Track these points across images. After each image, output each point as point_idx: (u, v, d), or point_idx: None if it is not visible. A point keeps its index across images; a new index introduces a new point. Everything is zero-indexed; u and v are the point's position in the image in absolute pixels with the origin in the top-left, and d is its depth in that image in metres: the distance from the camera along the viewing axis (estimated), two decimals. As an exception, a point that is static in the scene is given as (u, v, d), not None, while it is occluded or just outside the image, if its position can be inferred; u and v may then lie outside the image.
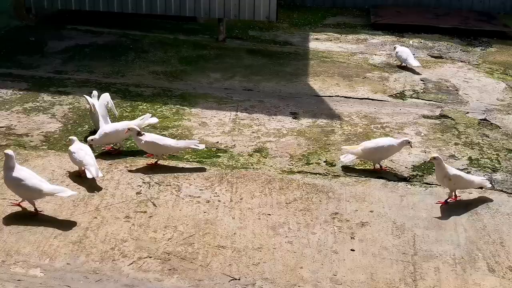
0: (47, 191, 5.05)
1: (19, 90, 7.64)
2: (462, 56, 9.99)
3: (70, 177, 5.70)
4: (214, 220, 5.17)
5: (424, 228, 5.19)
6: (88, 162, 5.54)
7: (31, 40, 9.49)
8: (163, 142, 5.98)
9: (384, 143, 6.09)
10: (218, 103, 7.61)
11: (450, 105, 7.89)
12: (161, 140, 6.00)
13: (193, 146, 6.09)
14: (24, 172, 5.11)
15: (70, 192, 5.09)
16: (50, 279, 4.39)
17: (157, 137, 6.06)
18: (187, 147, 6.13)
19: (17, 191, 5.12)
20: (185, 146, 6.12)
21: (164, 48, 9.50)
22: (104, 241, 4.82)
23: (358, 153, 6.07)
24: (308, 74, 8.81)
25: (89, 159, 5.59)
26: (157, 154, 6.03)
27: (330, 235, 5.06)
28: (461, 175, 5.63)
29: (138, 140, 5.98)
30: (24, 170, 5.16)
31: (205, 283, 4.44)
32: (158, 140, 5.98)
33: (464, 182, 5.60)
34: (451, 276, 4.63)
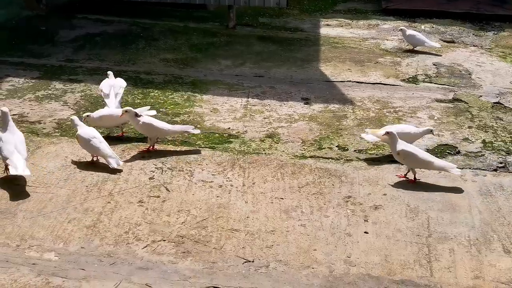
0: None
1: (31, 78, 7.66)
2: (475, 40, 9.90)
3: (83, 163, 5.71)
4: (227, 204, 5.17)
5: (438, 211, 5.16)
6: (106, 153, 5.54)
7: (42, 30, 9.51)
8: (159, 125, 5.95)
9: (409, 130, 6.03)
10: (229, 90, 7.59)
11: (463, 89, 7.82)
12: (158, 123, 5.97)
13: (190, 131, 6.05)
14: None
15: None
16: (65, 263, 4.41)
17: (154, 119, 6.01)
18: (183, 131, 6.10)
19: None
20: (181, 130, 6.10)
21: (175, 36, 9.49)
22: (118, 225, 4.84)
23: (381, 137, 6.02)
24: (320, 60, 8.77)
25: (106, 148, 5.59)
26: (152, 137, 5.98)
27: (343, 218, 5.04)
28: (414, 152, 5.54)
29: (136, 122, 5.92)
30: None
31: (219, 265, 4.44)
32: (155, 122, 5.95)
33: (416, 160, 5.53)
34: (466, 257, 4.61)
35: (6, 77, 7.64)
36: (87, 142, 5.62)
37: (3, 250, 4.51)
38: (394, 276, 4.40)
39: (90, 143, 5.60)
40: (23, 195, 5.17)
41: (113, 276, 4.30)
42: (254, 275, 4.37)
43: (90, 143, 5.60)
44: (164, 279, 4.29)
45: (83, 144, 5.68)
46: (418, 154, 5.56)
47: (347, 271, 4.44)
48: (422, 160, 5.55)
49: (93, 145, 5.60)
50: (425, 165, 5.58)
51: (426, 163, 5.57)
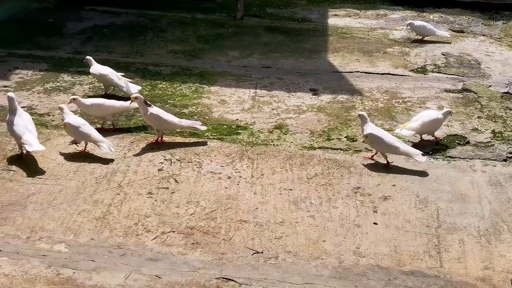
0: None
1: (40, 70, 7.68)
2: (484, 30, 9.83)
3: (92, 154, 5.73)
4: (236, 196, 5.17)
5: (448, 201, 5.15)
6: (97, 138, 5.61)
7: (50, 22, 9.52)
8: (167, 117, 5.93)
9: (436, 115, 6.03)
10: (237, 81, 7.58)
11: (472, 79, 7.78)
12: (165, 115, 5.95)
13: (197, 127, 6.03)
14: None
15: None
16: (75, 254, 4.44)
17: (162, 111, 6.00)
18: (190, 126, 6.07)
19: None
20: (188, 125, 6.06)
21: (182, 27, 9.47)
22: (127, 217, 4.85)
23: (416, 129, 5.98)
24: (328, 50, 8.74)
25: (96, 133, 5.66)
26: (158, 129, 5.98)
27: (353, 209, 5.03)
28: (380, 136, 5.59)
29: (144, 111, 5.89)
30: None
31: (228, 257, 4.45)
32: (163, 114, 5.94)
33: (382, 144, 5.59)
34: (476, 248, 4.59)
35: (14, 70, 7.66)
36: (76, 129, 5.66)
37: (14, 241, 4.54)
38: (404, 267, 4.39)
39: (80, 130, 5.65)
40: (33, 187, 5.19)
41: (123, 267, 4.32)
42: (263, 266, 4.38)
43: (80, 129, 5.64)
44: (174, 270, 4.30)
45: (73, 131, 5.71)
46: (384, 138, 5.61)
47: (356, 262, 4.43)
48: (388, 144, 5.60)
49: (83, 132, 5.65)
50: (391, 149, 5.62)
51: (393, 148, 5.61)
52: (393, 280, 4.28)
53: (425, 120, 5.99)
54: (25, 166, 5.47)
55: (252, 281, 4.23)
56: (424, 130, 6.05)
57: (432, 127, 6.04)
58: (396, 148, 5.60)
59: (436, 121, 6.01)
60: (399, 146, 5.62)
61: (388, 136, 5.68)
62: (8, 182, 5.24)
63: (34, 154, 5.58)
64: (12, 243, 4.52)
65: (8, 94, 5.76)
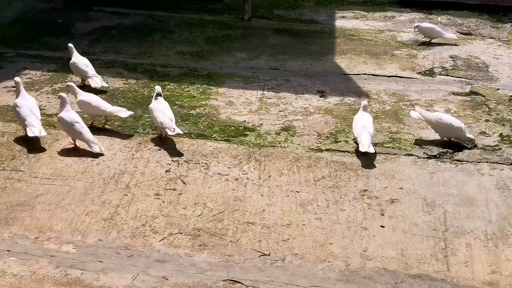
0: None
1: (48, 71, 7.72)
2: (492, 32, 9.81)
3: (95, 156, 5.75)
4: (243, 197, 5.19)
5: (455, 205, 5.15)
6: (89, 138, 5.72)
7: (58, 22, 9.57)
8: (95, 103, 6.16)
9: (456, 124, 6.06)
10: (244, 83, 7.60)
11: (480, 81, 7.77)
12: (95, 101, 6.19)
13: (123, 114, 6.15)
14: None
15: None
16: (83, 255, 4.46)
17: (94, 98, 6.24)
18: (115, 111, 6.19)
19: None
20: (112, 110, 6.19)
21: (190, 29, 9.50)
22: (135, 218, 4.87)
23: (429, 120, 6.12)
24: (335, 52, 8.74)
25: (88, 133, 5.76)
26: (89, 114, 6.26)
27: (360, 211, 5.04)
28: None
29: (76, 97, 6.27)
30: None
31: (235, 259, 4.46)
32: (92, 101, 6.19)
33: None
34: (483, 252, 4.59)
35: (23, 70, 7.69)
36: (70, 126, 5.74)
37: (22, 242, 4.57)
38: (411, 271, 4.39)
39: (73, 127, 5.73)
40: (41, 187, 5.22)
41: (130, 268, 4.34)
42: (270, 268, 4.39)
43: (73, 127, 5.72)
44: (181, 272, 4.32)
45: (65, 127, 5.79)
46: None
47: (363, 265, 4.44)
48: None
49: (75, 129, 5.72)
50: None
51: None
52: (400, 283, 4.28)
53: (443, 119, 6.07)
54: (33, 166, 5.51)
55: (259, 283, 4.24)
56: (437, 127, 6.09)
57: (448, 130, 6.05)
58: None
59: (453, 127, 6.03)
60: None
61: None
62: (16, 183, 5.28)
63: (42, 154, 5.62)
64: (20, 243, 4.55)
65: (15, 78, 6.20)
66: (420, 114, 6.24)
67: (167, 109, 6.06)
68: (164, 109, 6.02)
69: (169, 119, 5.93)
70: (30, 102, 5.98)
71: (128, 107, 6.74)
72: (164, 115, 5.96)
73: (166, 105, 6.11)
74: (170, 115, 6.00)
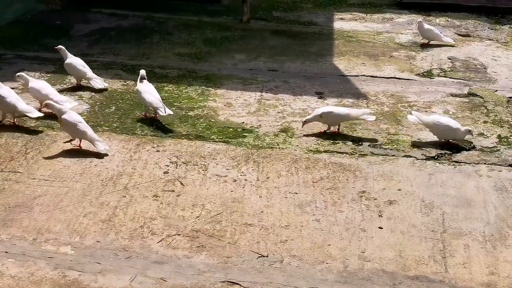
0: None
1: (46, 72, 7.72)
2: (490, 34, 9.83)
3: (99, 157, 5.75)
4: (241, 199, 5.19)
5: (453, 206, 5.15)
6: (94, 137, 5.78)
7: (57, 24, 9.57)
8: (45, 92, 6.41)
9: (454, 125, 6.08)
10: (243, 84, 7.60)
11: (479, 83, 7.78)
12: (45, 89, 6.44)
13: (72, 104, 6.36)
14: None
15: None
16: (81, 256, 4.45)
17: (45, 85, 6.54)
18: (64, 100, 6.38)
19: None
20: (60, 99, 6.36)
21: (189, 30, 9.50)
22: (133, 219, 4.87)
23: (427, 124, 6.16)
24: (333, 54, 8.75)
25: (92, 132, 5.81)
26: (39, 101, 6.50)
27: (358, 213, 5.04)
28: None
29: (27, 84, 6.57)
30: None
31: (234, 260, 4.46)
32: (42, 88, 6.46)
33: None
34: (481, 253, 4.59)
35: (21, 71, 7.65)
36: (73, 126, 5.75)
37: (20, 243, 4.56)
38: (409, 272, 4.39)
39: (76, 128, 5.75)
40: (39, 189, 5.22)
41: (128, 270, 4.33)
42: (268, 270, 4.39)
43: (77, 127, 5.74)
44: (179, 273, 4.32)
45: (69, 128, 5.81)
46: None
47: (361, 267, 4.44)
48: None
49: (79, 129, 5.74)
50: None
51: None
52: (398, 285, 4.28)
53: (440, 121, 6.10)
54: (31, 168, 5.50)
55: (257, 285, 4.24)
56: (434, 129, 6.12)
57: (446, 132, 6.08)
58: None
59: (450, 129, 6.05)
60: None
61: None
62: (14, 184, 5.27)
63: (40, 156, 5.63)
64: (18, 245, 4.55)
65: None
66: (417, 118, 6.25)
67: (153, 90, 6.47)
68: (150, 90, 6.42)
69: (157, 99, 6.34)
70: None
71: (126, 109, 6.77)
72: (152, 95, 6.36)
73: (151, 87, 6.52)
74: (156, 95, 6.41)
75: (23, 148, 5.83)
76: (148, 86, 6.50)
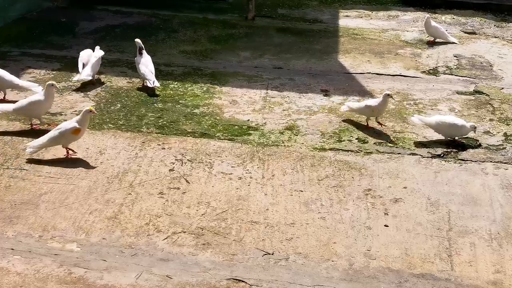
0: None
1: (52, 70, 7.72)
2: (496, 31, 9.79)
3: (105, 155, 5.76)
4: (247, 196, 5.18)
5: (459, 204, 5.14)
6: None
7: (62, 21, 9.57)
8: (8, 77, 6.69)
9: (459, 122, 6.07)
10: (248, 81, 7.59)
11: (485, 81, 7.75)
12: (6, 76, 6.69)
13: (33, 89, 6.59)
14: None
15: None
16: (86, 254, 4.46)
17: (4, 73, 6.73)
18: (27, 87, 6.69)
19: None
20: (26, 86, 6.70)
21: (194, 28, 9.49)
22: (138, 217, 4.88)
23: (431, 124, 6.14)
24: (339, 51, 8.73)
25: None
26: (2, 90, 6.77)
27: (363, 211, 5.03)
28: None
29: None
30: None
31: (239, 258, 4.46)
32: (3, 75, 6.70)
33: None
34: (487, 251, 4.58)
35: (27, 69, 7.70)
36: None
37: (26, 240, 4.58)
38: (414, 270, 4.39)
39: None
40: (45, 186, 5.23)
41: (134, 267, 4.34)
42: (274, 267, 4.39)
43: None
44: (185, 271, 4.32)
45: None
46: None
47: (367, 265, 4.43)
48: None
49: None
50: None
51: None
52: (404, 283, 4.27)
53: (443, 120, 6.09)
54: (37, 165, 5.51)
55: (263, 282, 4.24)
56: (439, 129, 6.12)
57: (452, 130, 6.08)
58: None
59: (456, 126, 6.05)
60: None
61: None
62: (20, 181, 5.28)
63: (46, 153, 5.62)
64: (24, 242, 4.56)
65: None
66: (420, 120, 6.22)
67: (149, 62, 7.19)
68: (146, 62, 7.17)
69: (150, 71, 7.08)
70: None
71: (132, 106, 6.77)
72: (146, 67, 7.11)
73: (148, 59, 7.24)
74: (151, 68, 7.15)
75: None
76: (145, 58, 7.21)
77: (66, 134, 5.56)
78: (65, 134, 5.56)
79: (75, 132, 5.56)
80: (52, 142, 5.59)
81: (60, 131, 5.57)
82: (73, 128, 5.56)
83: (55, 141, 5.59)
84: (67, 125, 5.61)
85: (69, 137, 5.59)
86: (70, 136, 5.58)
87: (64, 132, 5.56)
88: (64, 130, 5.56)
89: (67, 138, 5.60)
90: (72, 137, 5.61)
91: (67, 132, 5.55)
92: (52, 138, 5.57)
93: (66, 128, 5.57)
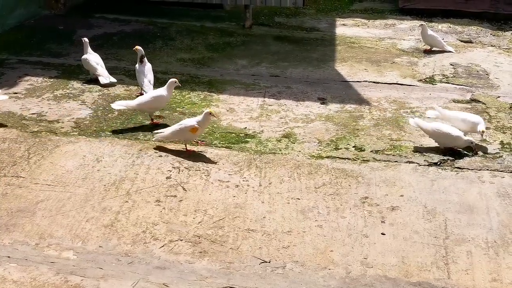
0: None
1: (49, 77, 7.73)
2: (492, 40, 9.83)
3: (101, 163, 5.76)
4: (244, 204, 5.18)
5: (456, 212, 5.14)
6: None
7: (60, 29, 9.60)
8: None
9: (455, 133, 6.07)
10: (245, 89, 7.61)
11: (481, 89, 7.77)
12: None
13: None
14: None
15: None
16: (83, 262, 4.45)
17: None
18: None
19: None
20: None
21: (191, 36, 9.52)
22: (135, 225, 4.87)
23: (427, 130, 6.17)
24: (336, 59, 8.76)
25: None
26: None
27: (360, 219, 5.04)
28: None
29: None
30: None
31: (236, 266, 4.46)
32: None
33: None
34: (484, 259, 4.58)
35: (24, 76, 7.71)
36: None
37: (22, 248, 4.57)
38: (411, 278, 4.39)
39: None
40: (42, 193, 5.22)
41: (130, 275, 4.33)
42: (270, 275, 4.38)
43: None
44: (181, 279, 4.31)
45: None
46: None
47: (364, 273, 4.43)
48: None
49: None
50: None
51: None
52: (401, 291, 4.27)
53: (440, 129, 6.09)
54: (34, 172, 5.51)
55: (259, 290, 4.24)
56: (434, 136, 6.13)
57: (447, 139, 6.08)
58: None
59: (450, 136, 6.06)
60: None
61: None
62: (17, 189, 5.28)
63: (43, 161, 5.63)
64: (20, 250, 4.55)
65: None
66: (418, 125, 6.24)
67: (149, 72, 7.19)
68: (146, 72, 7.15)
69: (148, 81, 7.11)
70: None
71: (129, 114, 6.77)
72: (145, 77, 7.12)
73: (149, 67, 7.22)
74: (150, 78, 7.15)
75: (26, 152, 5.84)
76: (146, 67, 7.17)
77: (185, 130, 5.83)
78: (184, 130, 5.84)
79: (192, 130, 5.81)
80: (173, 136, 5.95)
81: (181, 127, 5.87)
82: (191, 126, 5.82)
83: (175, 136, 5.94)
84: (187, 122, 5.91)
85: (187, 134, 5.87)
86: (188, 133, 5.85)
87: (184, 128, 5.84)
88: (184, 127, 5.86)
89: (185, 135, 5.88)
90: (189, 135, 5.87)
91: (186, 128, 5.83)
92: (173, 132, 5.91)
93: (186, 125, 5.87)
